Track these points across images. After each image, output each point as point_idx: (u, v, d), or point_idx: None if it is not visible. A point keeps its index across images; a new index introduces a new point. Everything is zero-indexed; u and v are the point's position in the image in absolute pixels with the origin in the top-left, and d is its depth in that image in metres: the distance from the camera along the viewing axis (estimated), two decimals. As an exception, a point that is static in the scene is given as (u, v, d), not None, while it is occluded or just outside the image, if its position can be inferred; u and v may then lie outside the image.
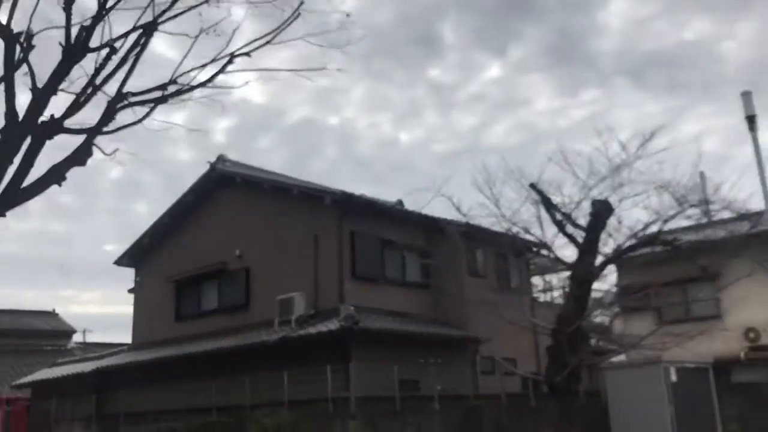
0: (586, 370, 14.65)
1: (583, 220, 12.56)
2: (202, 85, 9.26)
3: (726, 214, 11.23)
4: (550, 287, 17.02)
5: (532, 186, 12.68)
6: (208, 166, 19.85)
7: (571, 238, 12.50)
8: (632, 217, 12.74)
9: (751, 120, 9.93)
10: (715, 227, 12.74)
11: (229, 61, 9.29)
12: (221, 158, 19.83)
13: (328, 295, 16.34)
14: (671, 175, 11.64)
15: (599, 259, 12.57)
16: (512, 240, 14.96)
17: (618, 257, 12.60)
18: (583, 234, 12.56)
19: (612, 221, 12.62)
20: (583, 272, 12.25)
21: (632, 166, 12.12)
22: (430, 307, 17.79)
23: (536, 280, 21.45)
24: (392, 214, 17.15)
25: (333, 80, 75.04)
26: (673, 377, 16.50)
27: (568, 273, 21.15)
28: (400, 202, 19.59)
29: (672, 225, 12.54)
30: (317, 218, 17.11)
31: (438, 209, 15.34)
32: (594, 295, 13.79)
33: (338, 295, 16.14)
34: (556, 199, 12.51)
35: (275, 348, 15.23)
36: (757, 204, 11.24)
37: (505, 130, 77.65)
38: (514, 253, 16.68)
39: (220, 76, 9.47)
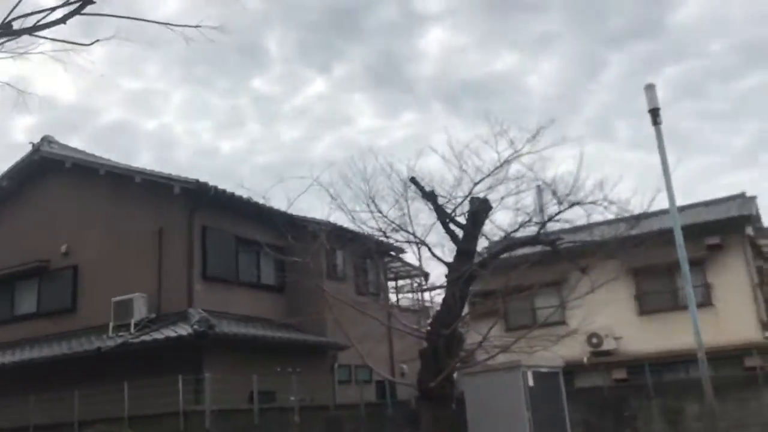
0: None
1: (463, 219, 12.05)
2: (50, 26, 7.50)
3: (611, 216, 11.16)
4: (421, 288, 16.44)
5: (413, 180, 11.95)
6: (30, 148, 17.18)
7: (453, 236, 11.91)
8: (512, 216, 12.44)
9: (654, 113, 9.89)
10: (591, 229, 12.76)
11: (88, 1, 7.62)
12: (47, 139, 17.24)
13: (173, 297, 14.57)
14: (552, 174, 11.42)
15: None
16: (378, 242, 14.20)
17: (496, 256, 12.19)
18: (462, 233, 12.05)
19: (491, 220, 12.27)
20: (462, 272, 11.66)
21: (509, 166, 11.73)
22: (285, 312, 16.54)
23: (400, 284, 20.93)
24: (250, 210, 15.68)
25: (149, 83, 71.12)
26: (531, 382, 16.55)
27: (422, 279, 20.91)
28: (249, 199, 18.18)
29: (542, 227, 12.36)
30: (164, 210, 15.28)
31: (298, 207, 14.26)
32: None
33: (186, 298, 14.44)
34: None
35: (112, 356, 13.22)
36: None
37: (328, 145, 78.12)
38: (378, 255, 15.92)
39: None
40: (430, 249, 12.26)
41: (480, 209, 12.05)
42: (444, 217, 11.70)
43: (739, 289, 18.22)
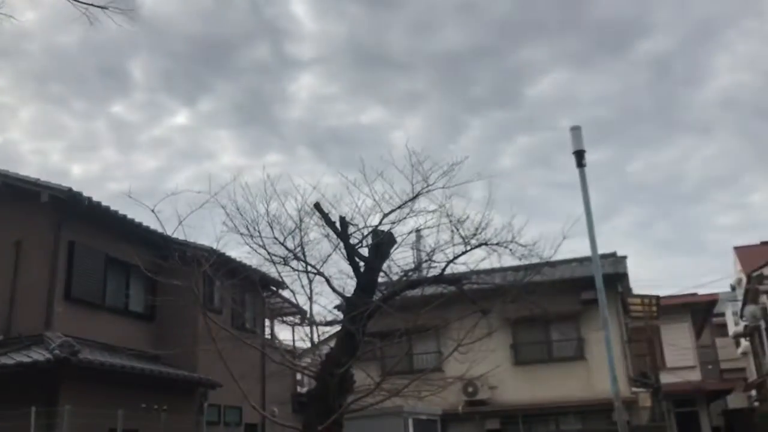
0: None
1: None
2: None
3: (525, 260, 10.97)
4: (311, 323, 15.41)
5: (317, 206, 11.28)
6: None
7: (356, 268, 11.31)
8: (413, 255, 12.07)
9: (579, 155, 9.91)
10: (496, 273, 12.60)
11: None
12: None
13: (28, 318, 12.84)
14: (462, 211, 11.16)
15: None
16: (263, 274, 13.32)
17: (399, 293, 11.68)
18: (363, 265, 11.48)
19: (392, 258, 11.81)
20: (363, 308, 11.03)
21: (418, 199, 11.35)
22: (154, 343, 15.05)
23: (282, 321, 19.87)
24: (125, 228, 14.27)
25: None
26: (411, 429, 16.09)
27: (303, 316, 19.97)
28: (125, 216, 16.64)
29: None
30: (24, 220, 13.56)
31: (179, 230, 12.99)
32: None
33: (44, 320, 12.77)
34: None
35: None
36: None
37: (187, 178, 76.13)
38: (262, 288, 14.97)
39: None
40: (328, 281, 11.53)
41: (384, 241, 11.57)
42: (350, 247, 11.09)
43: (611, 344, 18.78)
